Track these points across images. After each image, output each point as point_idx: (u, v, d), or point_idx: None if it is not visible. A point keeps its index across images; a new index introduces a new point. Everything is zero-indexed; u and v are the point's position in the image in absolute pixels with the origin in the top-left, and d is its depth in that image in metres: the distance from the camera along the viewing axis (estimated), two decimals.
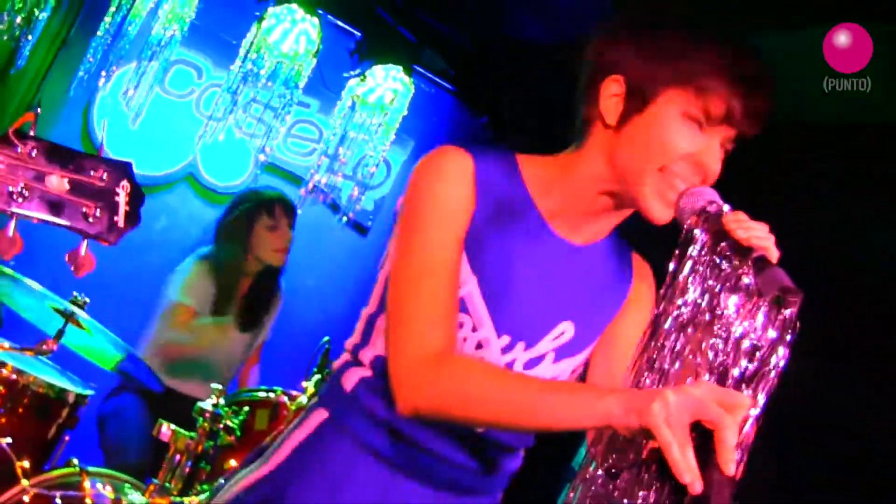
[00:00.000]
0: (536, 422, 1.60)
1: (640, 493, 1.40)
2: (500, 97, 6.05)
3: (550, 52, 5.28)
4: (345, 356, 2.01)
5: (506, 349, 1.90)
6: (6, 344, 3.60)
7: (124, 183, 1.73)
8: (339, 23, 5.50)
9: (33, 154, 1.65)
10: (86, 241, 1.71)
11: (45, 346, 3.55)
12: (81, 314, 3.49)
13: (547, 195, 1.92)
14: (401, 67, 5.46)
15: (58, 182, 1.67)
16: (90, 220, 1.69)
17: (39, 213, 1.66)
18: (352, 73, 5.49)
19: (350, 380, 1.95)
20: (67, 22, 5.06)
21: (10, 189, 1.62)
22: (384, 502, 1.90)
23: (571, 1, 5.03)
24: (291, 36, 5.10)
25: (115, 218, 1.72)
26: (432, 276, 1.81)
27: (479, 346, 1.89)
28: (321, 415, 1.97)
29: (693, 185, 1.73)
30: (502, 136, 6.21)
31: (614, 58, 1.83)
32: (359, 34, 5.52)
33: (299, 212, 4.80)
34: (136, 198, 1.75)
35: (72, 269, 1.72)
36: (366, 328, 1.97)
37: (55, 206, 1.67)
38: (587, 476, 1.49)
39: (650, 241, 1.84)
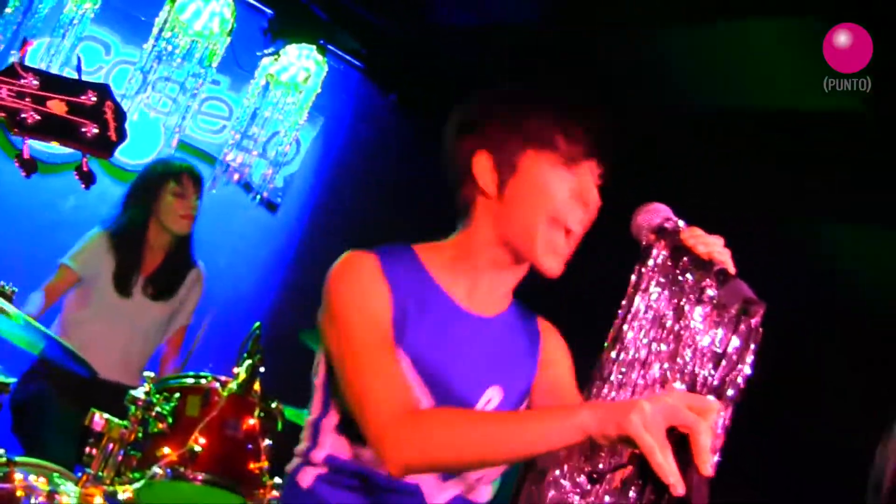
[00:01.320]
0: (520, 450, 1.70)
1: (624, 495, 1.51)
2: (409, 76, 6.13)
3: (461, 34, 5.38)
4: (296, 461, 2.11)
5: None
6: None
7: (108, 102, 1.96)
8: (252, 1, 5.52)
9: (34, 83, 1.88)
10: (87, 158, 1.95)
11: None
12: (8, 305, 3.47)
13: (452, 277, 2.08)
14: (314, 47, 5.49)
15: (58, 105, 1.90)
16: (89, 136, 1.92)
17: (48, 136, 1.92)
18: (265, 51, 5.50)
19: (305, 478, 2.06)
20: None
21: (23, 115, 1.86)
22: None
23: None
24: (204, 14, 5.09)
25: (108, 133, 1.95)
26: (378, 355, 1.94)
27: None
28: None
29: (577, 224, 1.96)
30: (409, 114, 6.30)
31: (473, 136, 2.05)
32: (271, 12, 5.54)
33: (213, 192, 4.83)
34: (120, 115, 1.99)
35: (81, 183, 1.98)
36: (313, 433, 2.08)
37: (58, 127, 1.90)
38: (550, 479, 1.59)
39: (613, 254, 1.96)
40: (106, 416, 3.47)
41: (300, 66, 5.45)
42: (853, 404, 4.28)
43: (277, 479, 3.65)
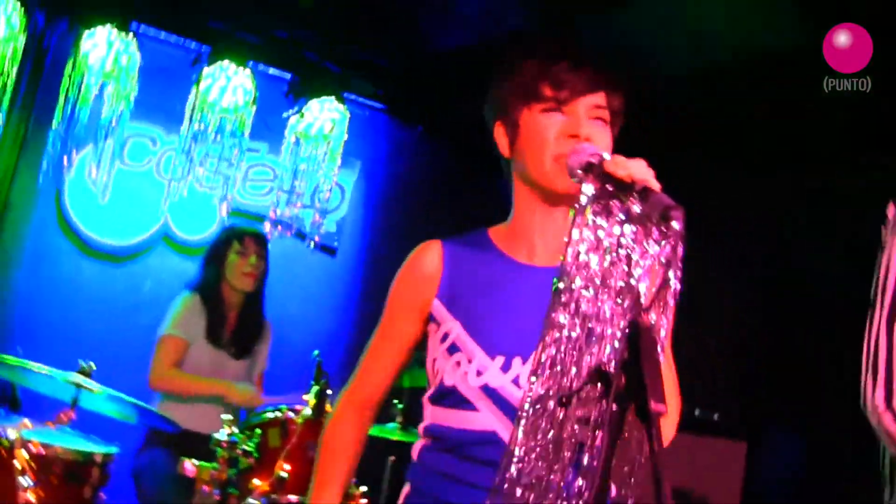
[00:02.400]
0: None
1: (588, 414, 1.50)
2: (428, 106, 6.17)
3: (466, 57, 5.40)
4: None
5: (504, 367, 2.01)
6: (29, 422, 3.67)
7: None
8: (270, 70, 5.63)
9: None
10: None
11: (63, 416, 3.64)
12: (90, 382, 3.58)
13: (513, 242, 2.13)
14: (333, 98, 5.57)
15: None
16: None
17: None
18: (290, 111, 5.59)
19: (415, 450, 2.17)
20: (24, 120, 5.15)
21: None
22: None
23: (476, 7, 5.15)
24: (229, 91, 5.24)
25: None
26: (380, 345, 2.22)
27: (478, 373, 2.02)
28: (406, 488, 2.17)
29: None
30: (438, 140, 6.33)
31: (490, 110, 2.15)
32: (289, 76, 5.64)
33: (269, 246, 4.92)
34: None
35: None
36: (423, 408, 2.18)
37: None
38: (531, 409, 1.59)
39: None
40: (195, 461, 3.55)
41: (324, 118, 5.54)
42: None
43: (363, 488, 3.69)
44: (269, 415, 3.86)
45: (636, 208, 1.54)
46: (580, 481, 1.50)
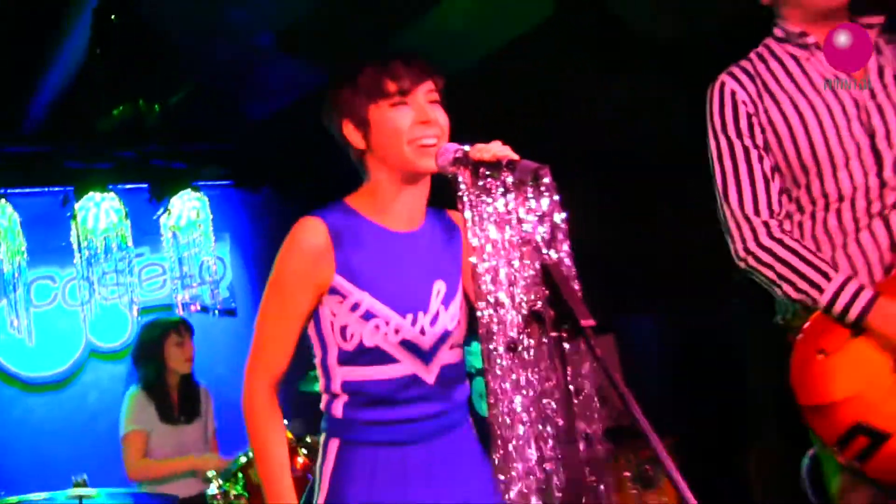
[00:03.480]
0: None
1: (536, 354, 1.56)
2: (265, 168, 6.12)
3: (282, 119, 5.38)
4: (324, 397, 2.11)
5: (413, 322, 2.04)
6: None
7: None
8: (129, 185, 5.49)
9: None
10: None
11: None
12: (87, 490, 3.43)
13: (377, 213, 2.08)
14: (189, 189, 5.48)
15: None
16: None
17: None
18: (158, 213, 5.48)
19: (337, 408, 2.07)
20: None
21: None
22: (407, 475, 2.03)
23: (277, 79, 5.11)
24: (102, 215, 5.12)
25: None
26: (278, 318, 2.07)
27: (396, 331, 2.03)
28: (335, 444, 2.07)
29: (430, 138, 1.97)
30: (283, 194, 6.29)
31: (336, 110, 2.08)
32: (147, 184, 5.51)
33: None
34: None
35: None
36: (324, 371, 2.09)
37: None
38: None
39: None
40: None
41: (188, 209, 5.45)
42: None
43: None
44: (243, 458, 3.78)
45: (510, 179, 1.60)
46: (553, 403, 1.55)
